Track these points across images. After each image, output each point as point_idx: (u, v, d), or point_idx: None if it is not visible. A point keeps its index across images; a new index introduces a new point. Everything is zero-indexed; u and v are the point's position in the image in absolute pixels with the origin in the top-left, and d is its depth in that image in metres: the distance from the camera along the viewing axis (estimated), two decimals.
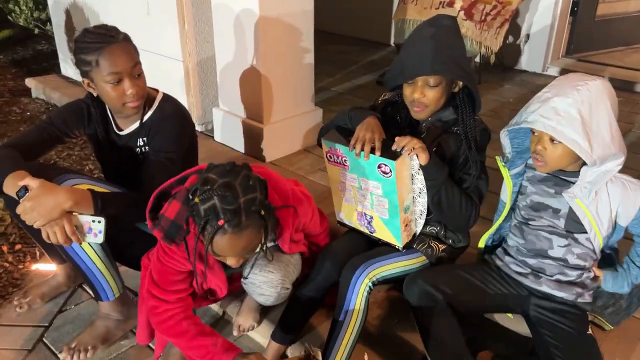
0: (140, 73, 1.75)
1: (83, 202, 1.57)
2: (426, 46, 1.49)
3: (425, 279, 1.53)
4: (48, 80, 4.11)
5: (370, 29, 5.42)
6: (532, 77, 4.48)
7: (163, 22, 2.94)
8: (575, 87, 1.37)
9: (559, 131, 1.35)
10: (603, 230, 1.47)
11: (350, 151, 1.52)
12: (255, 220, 1.34)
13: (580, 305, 1.53)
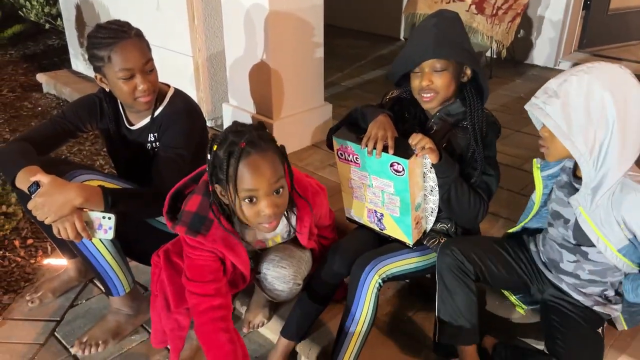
0: (153, 69, 1.75)
1: (93, 199, 1.58)
2: (429, 33, 1.49)
3: (460, 248, 1.53)
4: (59, 75, 4.13)
5: (380, 23, 5.39)
6: (544, 71, 4.43)
7: (173, 17, 2.94)
8: (575, 68, 1.32)
9: (540, 108, 1.30)
10: (614, 241, 1.38)
11: (362, 149, 1.51)
12: (274, 147, 1.37)
13: (599, 310, 1.51)
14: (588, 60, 1.51)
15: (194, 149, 1.85)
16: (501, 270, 1.58)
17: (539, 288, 1.61)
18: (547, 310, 1.56)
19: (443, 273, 1.53)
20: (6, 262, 2.24)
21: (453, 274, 1.51)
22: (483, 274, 1.55)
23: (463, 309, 1.51)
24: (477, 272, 1.53)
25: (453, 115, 1.61)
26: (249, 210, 1.39)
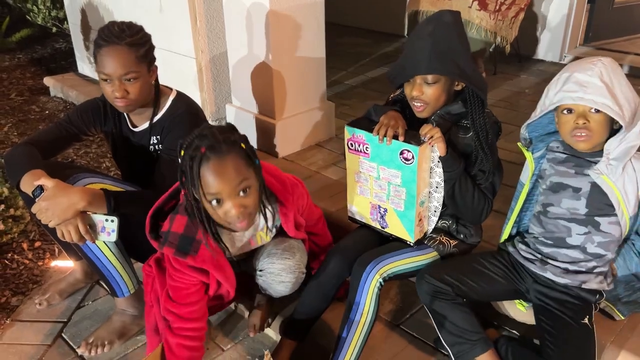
0: (135, 79, 1.73)
1: (96, 202, 1.61)
2: (425, 44, 1.49)
3: (431, 274, 1.57)
4: (65, 78, 4.17)
5: (384, 20, 5.38)
6: (549, 66, 4.40)
7: (175, 19, 2.96)
8: (589, 62, 1.42)
9: (588, 99, 1.38)
10: (630, 208, 1.47)
11: (374, 136, 1.53)
12: (237, 149, 1.39)
13: (583, 294, 1.52)
14: (594, 54, 1.61)
15: None
16: (481, 284, 1.59)
17: (524, 288, 1.61)
18: (536, 310, 1.58)
19: (427, 301, 1.57)
20: (15, 265, 2.28)
21: (436, 298, 1.54)
22: (464, 292, 1.57)
23: (463, 325, 1.53)
24: (457, 292, 1.55)
25: (453, 115, 1.62)
26: (217, 212, 1.41)
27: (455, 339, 1.54)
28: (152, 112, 1.86)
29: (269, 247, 1.63)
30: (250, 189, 1.41)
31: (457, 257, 1.70)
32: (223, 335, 1.91)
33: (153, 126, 1.87)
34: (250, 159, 1.42)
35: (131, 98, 1.75)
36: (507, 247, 1.69)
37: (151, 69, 1.79)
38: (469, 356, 1.54)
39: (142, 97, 1.78)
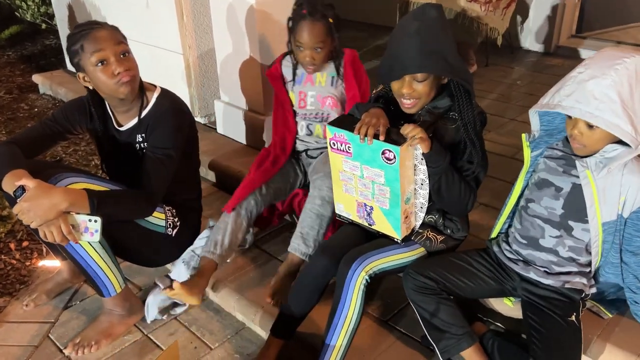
0: (127, 52, 1.76)
1: (79, 203, 1.59)
2: (412, 43, 1.47)
3: (417, 270, 1.57)
4: (54, 76, 4.14)
5: (376, 12, 5.35)
6: (542, 57, 4.39)
7: (162, 15, 2.93)
8: (612, 66, 1.30)
9: (597, 117, 1.29)
10: (605, 213, 1.43)
11: (355, 135, 1.51)
12: (326, 21, 1.95)
13: (568, 292, 1.52)
14: (587, 45, 1.51)
15: (182, 148, 1.85)
16: (465, 281, 1.59)
17: (512, 286, 1.61)
18: (524, 307, 1.57)
19: (412, 297, 1.57)
20: (2, 265, 2.26)
21: (421, 294, 1.54)
22: (448, 288, 1.56)
23: (449, 319, 1.53)
24: (441, 287, 1.55)
25: (440, 108, 1.60)
26: (298, 54, 2.00)
27: (440, 334, 1.54)
28: (139, 108, 1.85)
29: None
30: (321, 49, 1.97)
31: (444, 254, 1.69)
32: (210, 334, 1.91)
33: (140, 122, 1.85)
34: (331, 31, 1.97)
35: (133, 73, 1.76)
36: (493, 246, 1.68)
37: None
38: (455, 351, 1.54)
39: (139, 75, 1.81)
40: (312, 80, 2.13)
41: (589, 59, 1.39)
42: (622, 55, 1.32)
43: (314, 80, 2.12)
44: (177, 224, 1.96)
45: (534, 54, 4.49)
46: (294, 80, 2.15)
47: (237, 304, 1.93)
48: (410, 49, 1.47)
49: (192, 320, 1.97)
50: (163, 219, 1.92)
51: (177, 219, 1.97)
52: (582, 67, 1.37)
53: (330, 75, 2.12)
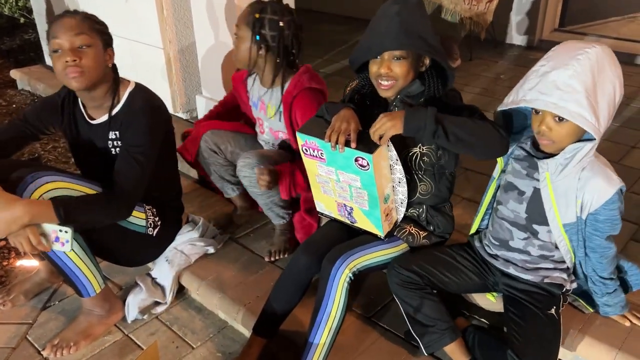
0: (86, 46, 1.65)
1: (43, 215, 1.56)
2: (392, 22, 1.46)
3: (401, 265, 1.56)
4: (32, 71, 4.06)
5: (359, 6, 5.32)
6: (525, 51, 4.41)
7: (142, 9, 2.88)
8: (574, 57, 1.29)
9: (562, 107, 1.27)
10: (564, 215, 1.43)
11: (326, 142, 1.48)
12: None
13: (548, 287, 1.53)
14: (570, 39, 1.47)
15: (158, 146, 1.81)
16: (449, 276, 1.59)
17: (493, 280, 1.61)
18: (505, 301, 1.58)
19: (397, 292, 1.56)
20: None
21: (406, 288, 1.53)
22: (433, 283, 1.56)
23: (433, 314, 1.53)
24: (426, 282, 1.55)
25: (414, 96, 1.58)
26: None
27: (424, 329, 1.54)
28: (111, 104, 1.79)
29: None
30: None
31: (428, 249, 1.68)
32: (192, 333, 1.88)
33: (112, 119, 1.80)
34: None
35: (85, 66, 1.65)
36: (475, 241, 1.68)
37: (107, 49, 1.73)
38: (438, 346, 1.54)
39: (96, 72, 1.69)
40: (265, 109, 2.09)
41: (551, 51, 1.37)
42: (584, 46, 1.31)
43: (265, 109, 2.09)
44: (157, 224, 1.93)
45: (518, 47, 4.50)
46: (250, 100, 2.14)
47: (220, 302, 1.91)
48: (390, 28, 1.46)
49: (174, 319, 1.95)
50: (143, 218, 1.88)
51: (157, 218, 1.93)
52: (544, 60, 1.35)
53: (275, 107, 2.05)
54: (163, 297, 1.98)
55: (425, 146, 1.60)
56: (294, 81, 1.95)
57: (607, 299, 1.55)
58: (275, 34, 1.90)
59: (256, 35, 1.89)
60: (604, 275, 1.51)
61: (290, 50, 1.95)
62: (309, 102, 1.93)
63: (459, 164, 1.68)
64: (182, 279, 2.03)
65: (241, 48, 1.94)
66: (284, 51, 1.93)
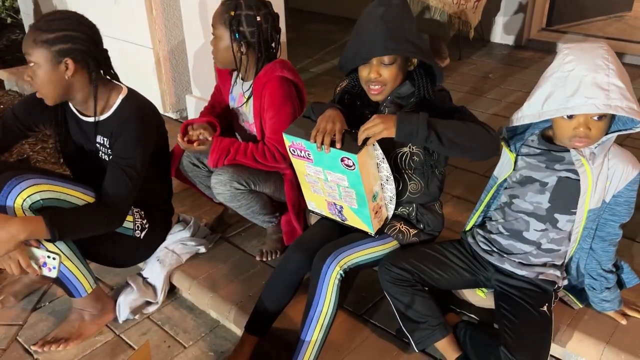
0: (32, 63, 1.62)
1: (38, 231, 1.57)
2: (378, 26, 1.46)
3: (391, 262, 1.58)
4: (20, 71, 4.02)
5: (349, 6, 5.33)
6: (513, 50, 4.44)
7: (131, 9, 2.87)
8: (599, 56, 1.32)
9: (614, 106, 1.29)
10: (593, 199, 1.46)
11: (312, 143, 1.49)
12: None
13: (541, 284, 1.54)
14: (557, 38, 1.52)
15: (149, 155, 1.79)
16: (440, 273, 1.60)
17: (485, 276, 1.63)
18: (497, 297, 1.60)
19: (388, 289, 1.57)
20: None
21: (397, 286, 1.54)
22: (423, 279, 1.57)
23: (424, 310, 1.54)
24: (416, 279, 1.56)
25: (404, 97, 1.60)
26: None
27: (415, 325, 1.55)
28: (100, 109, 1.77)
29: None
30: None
31: (419, 246, 1.70)
32: (184, 332, 1.88)
33: (99, 124, 1.78)
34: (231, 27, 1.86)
35: (36, 84, 1.65)
36: (467, 237, 1.69)
37: (64, 59, 1.62)
38: (429, 342, 1.55)
39: (50, 88, 1.66)
40: (242, 101, 2.04)
41: (565, 56, 1.37)
42: (596, 45, 1.36)
43: (242, 101, 2.04)
44: (145, 226, 1.92)
45: (506, 47, 4.54)
46: (230, 93, 2.11)
47: (211, 301, 1.91)
48: (376, 32, 1.47)
49: (165, 319, 1.95)
50: (131, 221, 1.87)
51: (145, 220, 1.92)
52: (569, 65, 1.34)
53: (248, 95, 2.00)
54: (154, 297, 1.98)
55: (415, 146, 1.61)
56: (266, 69, 1.91)
57: (606, 294, 1.57)
58: (253, 29, 1.87)
59: (235, 33, 1.86)
60: (607, 267, 1.53)
61: (270, 43, 1.93)
62: (278, 90, 1.89)
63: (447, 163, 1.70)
64: (173, 279, 2.03)
65: (221, 48, 1.91)
66: (264, 45, 1.91)
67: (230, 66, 1.96)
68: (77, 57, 1.65)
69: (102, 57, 1.74)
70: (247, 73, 1.98)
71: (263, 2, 1.91)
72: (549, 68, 1.42)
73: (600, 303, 1.59)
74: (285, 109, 1.88)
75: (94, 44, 1.69)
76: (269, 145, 1.88)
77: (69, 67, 1.64)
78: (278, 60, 1.95)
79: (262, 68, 1.92)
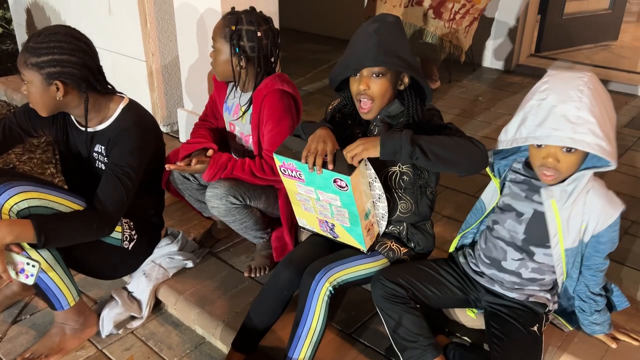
0: (27, 82, 1.64)
1: (25, 235, 1.54)
2: (370, 40, 1.48)
3: (386, 277, 1.55)
4: (9, 81, 3.99)
5: (342, 27, 5.39)
6: (503, 75, 4.51)
7: (125, 21, 2.87)
8: (575, 87, 1.29)
9: (579, 141, 1.26)
10: (568, 240, 1.44)
11: (303, 164, 1.48)
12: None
13: (532, 306, 1.54)
14: (545, 64, 1.51)
15: (145, 166, 1.78)
16: (433, 290, 1.58)
17: (476, 297, 1.62)
18: (487, 316, 1.58)
19: (380, 304, 1.54)
20: None
21: (390, 301, 1.52)
22: (416, 296, 1.55)
23: (416, 329, 1.51)
24: (410, 295, 1.54)
25: (393, 116, 1.60)
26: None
27: (406, 344, 1.52)
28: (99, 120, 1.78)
29: None
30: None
31: (413, 262, 1.68)
32: (168, 349, 1.84)
33: (97, 133, 1.79)
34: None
35: (30, 100, 1.69)
36: (459, 257, 1.68)
37: (54, 82, 1.62)
38: None
39: (42, 105, 1.68)
40: (238, 113, 2.04)
41: (543, 84, 1.36)
42: (577, 75, 1.32)
43: (239, 114, 2.03)
44: (134, 237, 1.89)
45: (495, 71, 4.60)
46: (225, 104, 2.10)
47: (198, 317, 1.88)
48: (368, 45, 1.48)
49: (150, 334, 1.90)
50: (119, 231, 1.84)
51: (134, 232, 1.89)
52: (542, 94, 1.33)
53: (246, 107, 2.00)
54: (139, 312, 1.94)
55: (404, 165, 1.61)
56: (266, 82, 1.91)
57: (596, 317, 1.56)
58: (253, 44, 1.87)
59: (235, 47, 1.87)
60: (595, 290, 1.52)
61: (269, 58, 1.94)
62: (278, 103, 1.89)
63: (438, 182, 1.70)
64: (159, 293, 1.99)
65: (220, 61, 1.92)
66: (264, 60, 1.91)
67: (228, 79, 1.97)
68: (68, 80, 1.64)
69: (95, 76, 1.72)
70: (246, 86, 1.98)
71: (264, 17, 1.92)
72: (527, 94, 1.41)
73: (590, 326, 1.59)
74: (284, 122, 1.88)
75: (85, 66, 1.67)
76: (267, 159, 1.87)
77: (60, 89, 1.64)
78: (277, 73, 1.96)
79: (262, 81, 1.92)
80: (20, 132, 1.84)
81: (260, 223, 2.00)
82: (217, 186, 1.84)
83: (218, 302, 1.91)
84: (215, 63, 1.94)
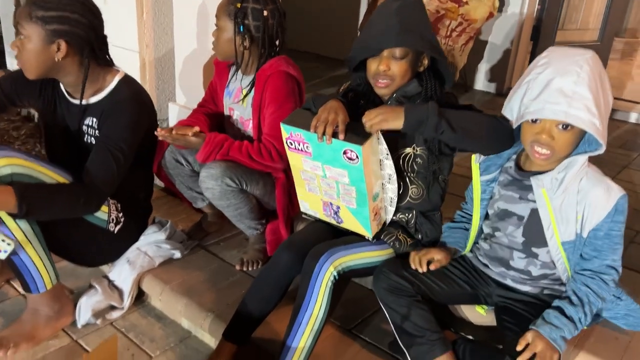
0: (22, 36, 1.54)
1: (5, 203, 1.42)
2: (392, 19, 1.42)
3: (391, 269, 1.46)
4: None
5: (335, 46, 5.40)
6: (495, 97, 4.52)
7: (121, 11, 2.78)
8: (574, 62, 1.22)
9: (573, 115, 1.20)
10: (563, 232, 1.35)
11: (312, 134, 1.39)
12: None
13: (547, 299, 1.44)
14: None
15: (138, 144, 1.69)
16: (440, 284, 1.48)
17: (486, 292, 1.52)
18: (499, 311, 1.49)
19: (384, 298, 1.43)
20: None
21: (394, 295, 1.42)
22: (423, 291, 1.45)
23: (422, 323, 1.40)
24: (416, 290, 1.44)
25: (410, 97, 1.53)
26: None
27: (412, 339, 1.41)
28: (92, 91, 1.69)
29: None
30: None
31: None
32: (151, 341, 1.69)
33: (90, 106, 1.69)
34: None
35: (21, 58, 1.57)
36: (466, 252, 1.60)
37: (56, 40, 1.55)
38: (428, 358, 1.40)
39: (34, 64, 1.57)
40: (239, 97, 1.96)
41: (543, 58, 1.30)
42: (579, 51, 1.26)
43: (240, 97, 1.95)
44: (120, 220, 1.77)
45: (487, 94, 4.62)
46: (226, 88, 2.02)
47: (185, 308, 1.74)
48: (390, 25, 1.42)
49: (131, 326, 1.75)
50: (106, 212, 1.72)
51: (121, 214, 1.77)
52: (540, 68, 1.27)
53: (248, 89, 1.92)
54: (120, 302, 1.79)
55: (419, 147, 1.53)
56: (271, 62, 1.83)
57: (621, 306, 1.46)
58: (259, 23, 1.80)
59: (239, 26, 1.79)
60: (606, 297, 1.37)
61: (274, 40, 1.86)
62: (282, 85, 1.81)
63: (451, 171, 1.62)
64: (143, 283, 1.85)
65: (222, 40, 1.84)
66: (268, 41, 1.83)
67: (230, 59, 1.88)
68: (72, 40, 1.57)
69: (99, 45, 1.66)
70: (248, 68, 1.89)
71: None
72: (526, 71, 1.35)
73: (624, 318, 1.48)
74: (287, 105, 1.80)
75: (93, 30, 1.62)
76: (266, 143, 1.78)
77: (61, 49, 1.57)
78: (283, 56, 1.88)
79: (266, 62, 1.84)
80: (3, 100, 1.73)
81: (255, 212, 1.88)
82: (212, 167, 1.74)
83: (207, 294, 1.78)
84: (217, 42, 1.86)
